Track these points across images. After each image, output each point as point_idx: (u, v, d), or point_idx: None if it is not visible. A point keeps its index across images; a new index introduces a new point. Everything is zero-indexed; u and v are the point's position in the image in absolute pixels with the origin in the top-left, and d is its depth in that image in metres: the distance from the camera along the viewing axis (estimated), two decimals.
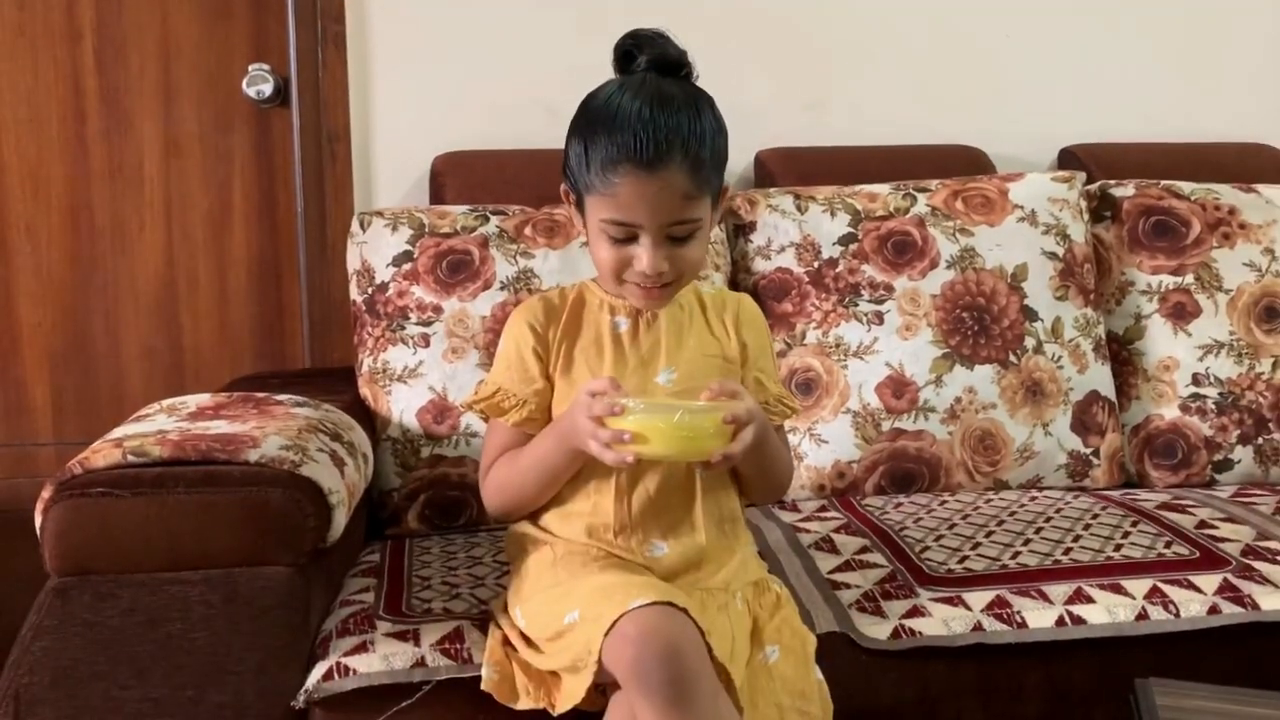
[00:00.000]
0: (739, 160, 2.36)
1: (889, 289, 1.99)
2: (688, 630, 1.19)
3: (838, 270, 2.01)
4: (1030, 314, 2.00)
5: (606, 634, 1.17)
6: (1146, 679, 1.22)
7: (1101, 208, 2.15)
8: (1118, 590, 1.52)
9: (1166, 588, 1.52)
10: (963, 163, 2.27)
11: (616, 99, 1.31)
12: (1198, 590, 1.52)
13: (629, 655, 1.16)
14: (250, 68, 2.30)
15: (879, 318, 1.98)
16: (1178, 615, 1.49)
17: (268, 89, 2.30)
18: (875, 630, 1.45)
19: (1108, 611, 1.49)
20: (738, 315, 1.46)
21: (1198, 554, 1.61)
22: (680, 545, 1.36)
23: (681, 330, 1.43)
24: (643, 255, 1.31)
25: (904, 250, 2.02)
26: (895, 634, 1.45)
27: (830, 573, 1.58)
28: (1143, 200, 2.14)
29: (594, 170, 1.30)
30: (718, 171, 1.35)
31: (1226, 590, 1.52)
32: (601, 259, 1.35)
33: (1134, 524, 1.73)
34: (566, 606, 1.26)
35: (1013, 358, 1.98)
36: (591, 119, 1.32)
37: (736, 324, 1.46)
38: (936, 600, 1.49)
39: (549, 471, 1.37)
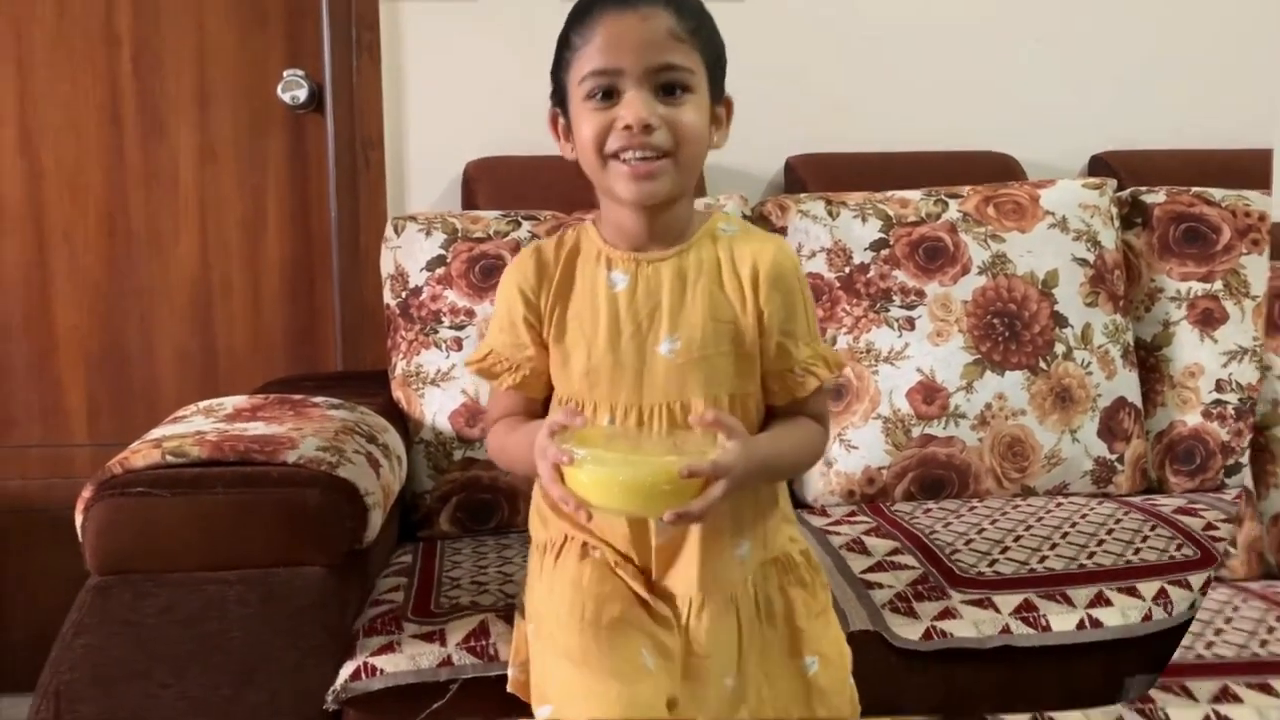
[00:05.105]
0: (770, 166, 2.38)
1: (920, 294, 2.00)
2: None
3: (869, 276, 2.01)
4: (1060, 320, 2.00)
5: None
6: (1134, 675, 1.23)
7: (1132, 214, 2.15)
8: (1132, 593, 1.54)
9: (1170, 589, 1.55)
10: (994, 169, 2.27)
11: None
12: (1188, 589, 1.56)
13: None
14: (285, 73, 2.32)
15: (910, 323, 1.98)
16: (1171, 614, 1.52)
17: (302, 95, 2.31)
18: (908, 631, 1.46)
19: (1122, 614, 1.51)
20: (756, 273, 1.27)
21: (1199, 554, 1.64)
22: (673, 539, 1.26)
23: (686, 288, 1.28)
24: (626, 106, 1.20)
25: (935, 256, 2.02)
26: (926, 635, 1.46)
27: (862, 573, 1.59)
28: (1173, 207, 2.13)
29: (572, 37, 1.24)
30: (711, 49, 1.25)
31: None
32: (585, 137, 1.23)
33: (1152, 528, 1.74)
34: (543, 691, 1.23)
35: (1043, 364, 1.97)
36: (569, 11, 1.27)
37: (755, 283, 1.27)
38: (967, 603, 1.50)
39: (532, 470, 1.24)
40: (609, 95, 1.21)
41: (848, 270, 2.02)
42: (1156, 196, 2.15)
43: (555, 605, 1.26)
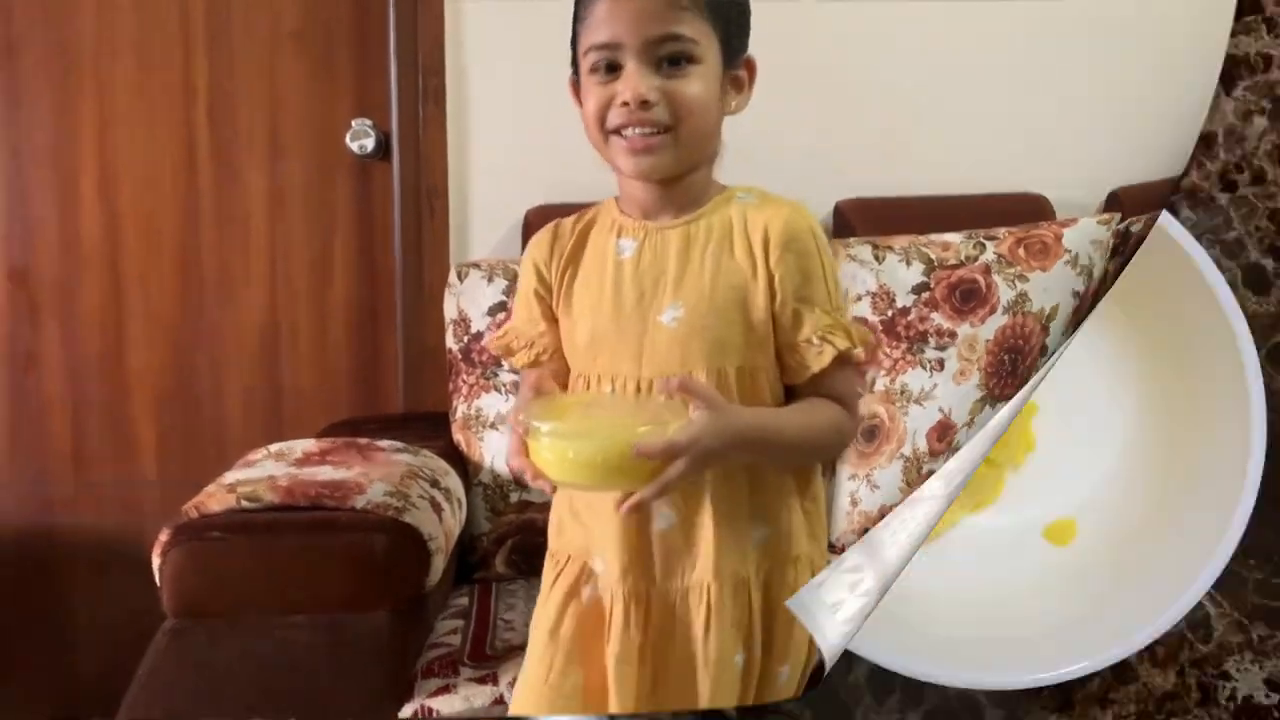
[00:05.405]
0: (819, 210, 2.40)
1: (952, 336, 2.04)
2: None
3: (909, 318, 2.05)
4: (1044, 350, 2.04)
5: None
6: None
7: (1120, 243, 2.16)
8: None
9: None
10: (1028, 210, 2.29)
11: None
12: None
13: None
14: (354, 123, 2.38)
15: (940, 364, 2.02)
16: None
17: (370, 144, 2.37)
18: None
19: None
20: (767, 236, 1.23)
21: None
22: (684, 521, 1.22)
23: (694, 254, 1.24)
24: (624, 82, 1.18)
25: (969, 298, 2.06)
26: None
27: None
28: (1145, 230, 2.15)
29: (579, 9, 1.21)
30: (722, 14, 1.20)
31: None
32: (588, 112, 1.23)
33: None
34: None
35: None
36: None
37: (766, 246, 1.23)
38: None
39: None
40: (611, 69, 1.20)
41: (890, 314, 2.05)
42: (1138, 225, 2.16)
43: (529, 647, 1.26)
